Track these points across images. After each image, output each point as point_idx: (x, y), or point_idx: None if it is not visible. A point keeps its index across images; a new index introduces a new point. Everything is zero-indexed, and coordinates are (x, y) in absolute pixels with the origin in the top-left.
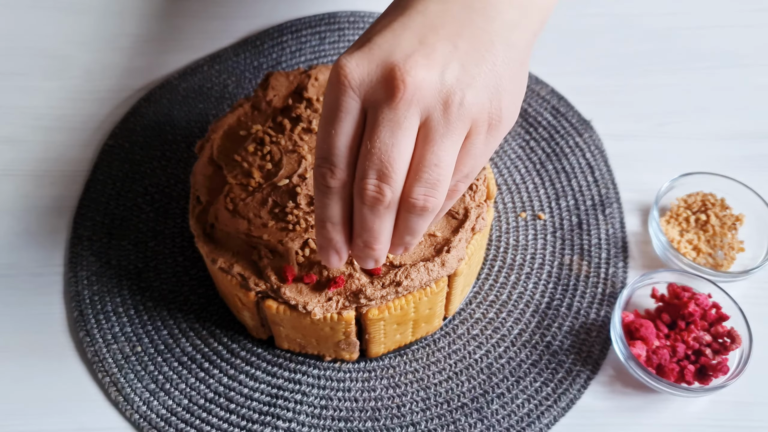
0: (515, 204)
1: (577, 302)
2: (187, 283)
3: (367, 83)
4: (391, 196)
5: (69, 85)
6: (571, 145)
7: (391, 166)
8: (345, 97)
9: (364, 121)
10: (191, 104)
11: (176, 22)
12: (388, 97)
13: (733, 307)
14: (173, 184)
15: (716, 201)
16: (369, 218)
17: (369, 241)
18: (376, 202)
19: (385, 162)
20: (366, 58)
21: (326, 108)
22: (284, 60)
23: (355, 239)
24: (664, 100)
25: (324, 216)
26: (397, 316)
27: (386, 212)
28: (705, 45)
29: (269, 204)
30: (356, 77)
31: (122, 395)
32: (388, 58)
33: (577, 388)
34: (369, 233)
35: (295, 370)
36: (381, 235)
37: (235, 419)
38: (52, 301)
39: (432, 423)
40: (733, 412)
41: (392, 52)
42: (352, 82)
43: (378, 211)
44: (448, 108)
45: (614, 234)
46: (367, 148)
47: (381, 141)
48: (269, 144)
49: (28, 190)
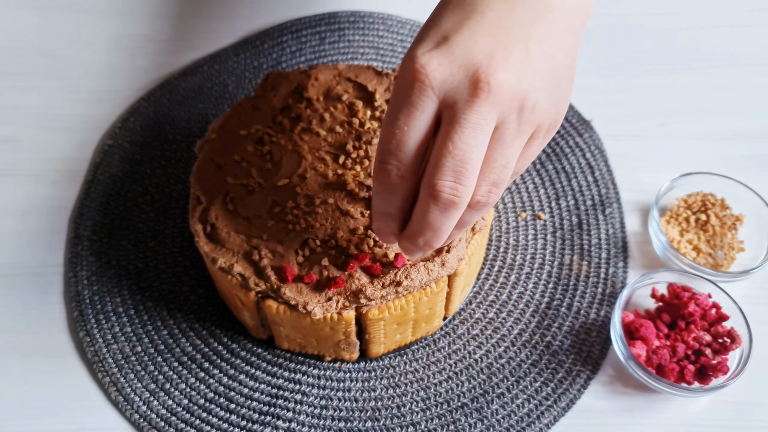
0: (515, 204)
1: (577, 302)
2: (187, 283)
3: (449, 84)
4: (465, 198)
5: (69, 85)
6: (571, 145)
7: (468, 168)
8: (423, 96)
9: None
10: (191, 104)
11: (176, 22)
12: (472, 99)
13: (733, 307)
14: (173, 184)
15: (716, 201)
16: (438, 218)
17: (431, 241)
18: (450, 203)
19: (464, 163)
20: (447, 58)
21: (399, 104)
22: (284, 60)
23: (414, 235)
24: (664, 100)
25: (383, 209)
26: (397, 316)
27: (456, 213)
28: (705, 45)
29: (269, 204)
30: (438, 77)
31: (122, 395)
32: (470, 60)
33: (577, 388)
34: (434, 233)
35: (295, 370)
36: (444, 234)
37: (235, 419)
38: (52, 301)
39: (432, 423)
40: (733, 412)
41: (473, 53)
42: (433, 81)
43: (449, 213)
44: (522, 112)
45: (614, 234)
46: (446, 148)
47: (462, 142)
48: (269, 144)
49: (28, 190)
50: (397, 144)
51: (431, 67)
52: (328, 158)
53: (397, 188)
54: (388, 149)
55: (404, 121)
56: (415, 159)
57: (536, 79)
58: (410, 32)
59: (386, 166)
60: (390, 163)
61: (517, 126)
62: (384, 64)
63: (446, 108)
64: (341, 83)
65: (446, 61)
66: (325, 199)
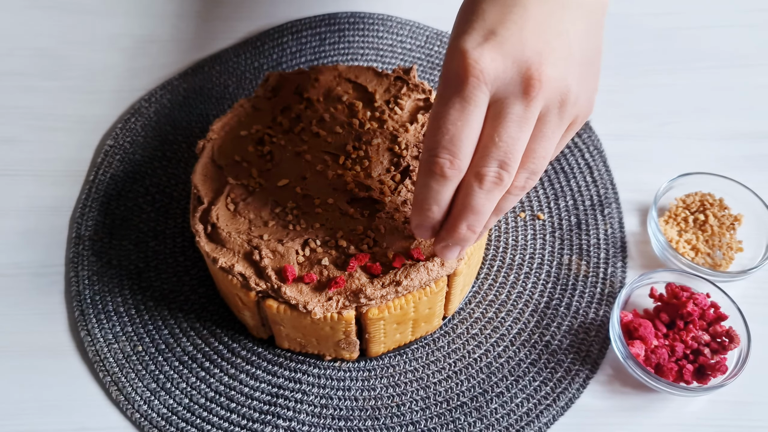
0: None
1: (576, 302)
2: (188, 283)
3: (501, 79)
4: (507, 183)
5: (69, 85)
6: (570, 145)
7: (512, 158)
8: (478, 91)
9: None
10: (192, 105)
11: (177, 22)
12: (523, 95)
13: (731, 306)
14: (174, 184)
15: (715, 201)
16: (481, 201)
17: (474, 225)
18: (494, 186)
19: (509, 154)
20: (500, 53)
21: (451, 98)
22: (285, 61)
23: (456, 221)
24: (664, 100)
25: (433, 200)
26: (397, 315)
27: (498, 196)
28: (705, 45)
29: (270, 204)
30: (491, 73)
31: (123, 394)
32: (522, 55)
33: (576, 387)
34: (476, 216)
35: (296, 370)
36: (485, 217)
37: (236, 418)
38: (53, 301)
39: (431, 422)
40: (732, 411)
41: (524, 48)
42: (487, 77)
43: (492, 195)
44: (563, 106)
45: (613, 234)
46: (493, 140)
47: (509, 135)
48: (269, 144)
49: (28, 190)
50: (451, 139)
51: (485, 63)
52: (328, 159)
53: (450, 180)
54: (441, 143)
55: (458, 116)
56: (468, 152)
57: (575, 74)
58: (410, 33)
59: (440, 159)
60: (443, 157)
61: (558, 119)
62: (384, 64)
63: (495, 102)
64: (341, 84)
65: (499, 56)
66: (325, 199)
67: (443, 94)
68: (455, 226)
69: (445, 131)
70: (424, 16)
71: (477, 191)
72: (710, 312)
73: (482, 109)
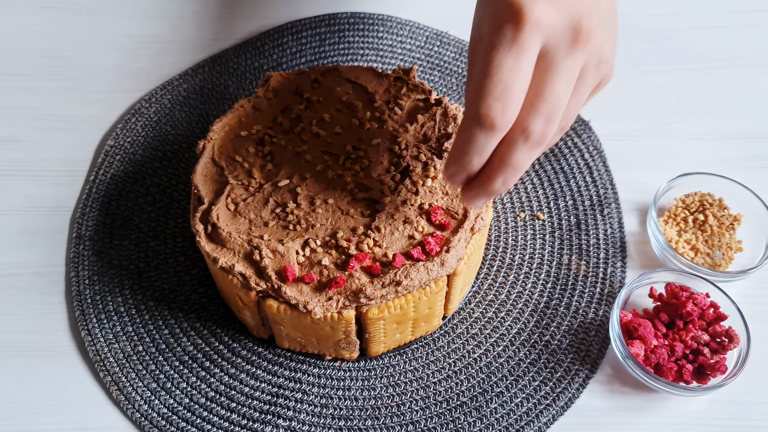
0: (514, 204)
1: (575, 302)
2: (189, 283)
3: (553, 29)
4: (548, 139)
5: (69, 86)
6: (570, 145)
7: (558, 114)
8: (532, 40)
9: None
10: (192, 105)
11: (177, 23)
12: (572, 47)
13: (731, 306)
14: (174, 184)
15: (714, 201)
16: (523, 158)
17: (509, 180)
18: (538, 144)
19: (556, 110)
20: (552, 4)
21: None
22: (285, 61)
23: (493, 176)
24: (663, 100)
25: (475, 151)
26: (397, 315)
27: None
28: (705, 45)
29: (270, 204)
30: (545, 20)
31: (124, 394)
32: (572, 7)
33: (576, 387)
34: (514, 172)
35: (296, 369)
36: (521, 173)
37: (236, 418)
38: (54, 301)
39: (431, 422)
40: (731, 411)
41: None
42: (541, 25)
43: (535, 153)
44: (600, 63)
45: (612, 234)
46: (542, 94)
47: (557, 88)
48: (270, 144)
49: (28, 190)
50: (504, 88)
51: (538, 12)
52: (328, 159)
53: (498, 132)
54: (493, 93)
55: (512, 64)
56: (518, 104)
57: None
58: (410, 33)
59: (492, 107)
60: (495, 105)
61: (593, 78)
62: (384, 65)
63: (545, 53)
64: (341, 84)
65: (552, 7)
66: (326, 199)
67: (491, 42)
68: (491, 179)
69: (498, 80)
70: (424, 17)
71: (521, 147)
72: (710, 312)
73: (534, 56)
